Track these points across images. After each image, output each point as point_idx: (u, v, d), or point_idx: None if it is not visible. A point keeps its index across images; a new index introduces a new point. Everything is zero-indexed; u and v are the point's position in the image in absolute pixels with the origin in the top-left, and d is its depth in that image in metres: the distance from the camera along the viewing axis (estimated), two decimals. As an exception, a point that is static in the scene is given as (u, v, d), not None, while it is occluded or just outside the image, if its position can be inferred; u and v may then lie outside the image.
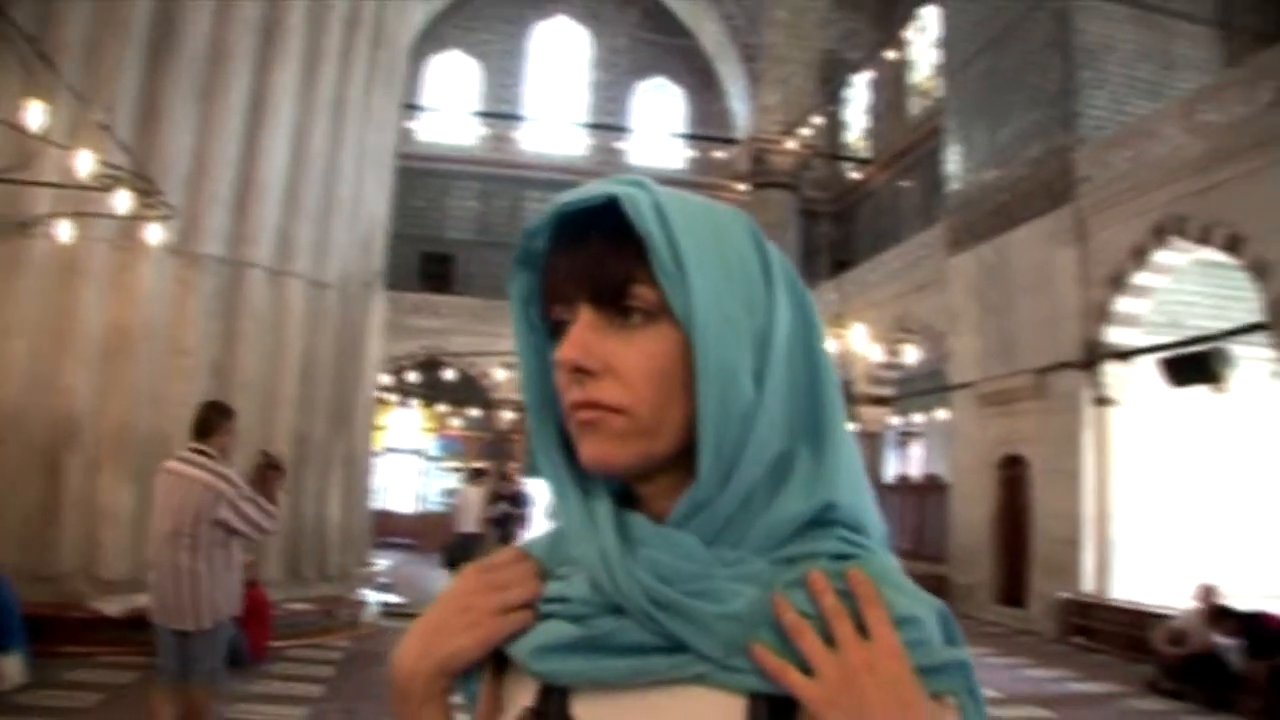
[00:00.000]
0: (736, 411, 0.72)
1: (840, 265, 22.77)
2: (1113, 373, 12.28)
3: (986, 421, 14.32)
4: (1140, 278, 12.02)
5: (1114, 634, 11.09)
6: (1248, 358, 11.41)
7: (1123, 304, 12.22)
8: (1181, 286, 12.57)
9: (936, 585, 14.79)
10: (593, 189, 0.75)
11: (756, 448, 0.73)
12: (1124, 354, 12.22)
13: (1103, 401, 12.32)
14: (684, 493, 0.74)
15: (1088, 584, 11.99)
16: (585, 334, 0.74)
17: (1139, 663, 9.86)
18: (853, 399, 18.40)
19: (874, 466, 18.62)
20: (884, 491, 18.91)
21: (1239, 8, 13.90)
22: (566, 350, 0.74)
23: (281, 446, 8.01)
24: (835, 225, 26.52)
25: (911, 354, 16.82)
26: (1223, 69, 12.48)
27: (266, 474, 4.98)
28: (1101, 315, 12.30)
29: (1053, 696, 8.67)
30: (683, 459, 0.75)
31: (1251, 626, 8.85)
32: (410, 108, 22.18)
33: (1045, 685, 9.17)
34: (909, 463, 22.45)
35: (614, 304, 0.74)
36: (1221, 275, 12.31)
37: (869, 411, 18.77)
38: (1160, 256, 11.73)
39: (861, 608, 0.70)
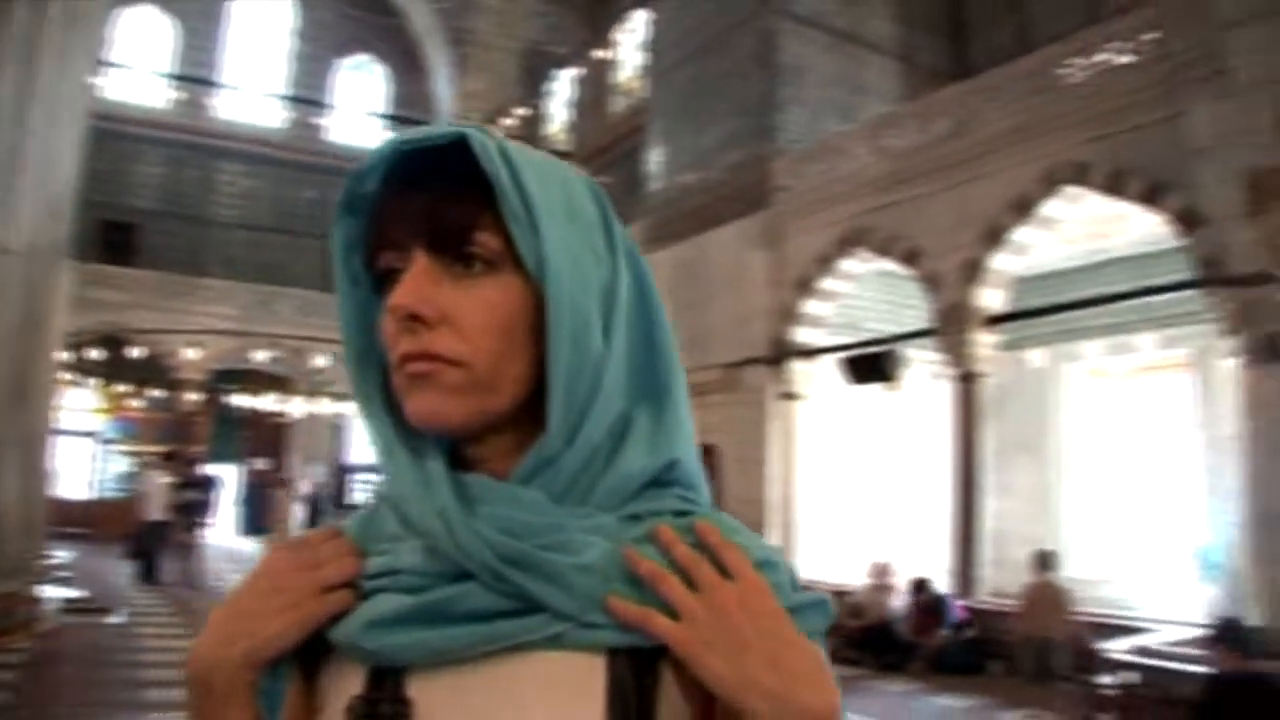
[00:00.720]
0: (589, 363, 0.71)
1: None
2: (798, 369, 13.25)
3: (682, 412, 15.03)
4: (826, 283, 13.05)
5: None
6: (917, 359, 12.69)
7: (809, 306, 13.22)
8: (861, 292, 13.79)
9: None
10: (435, 129, 0.72)
11: (604, 402, 0.72)
12: (808, 352, 13.22)
13: (788, 396, 13.27)
14: (522, 453, 0.72)
15: (773, 566, 12.89)
16: (421, 281, 0.70)
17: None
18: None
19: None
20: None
21: (919, 45, 15.41)
22: (401, 297, 0.70)
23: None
24: (533, 216, 26.77)
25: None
26: (902, 100, 13.81)
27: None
28: (790, 316, 13.25)
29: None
30: (517, 419, 0.73)
31: (937, 603, 9.94)
32: (98, 63, 20.36)
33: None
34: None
35: (454, 251, 0.71)
36: (896, 284, 13.62)
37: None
38: (845, 264, 12.80)
39: (719, 554, 0.70)
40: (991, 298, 11.07)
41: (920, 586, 10.34)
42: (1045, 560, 9.80)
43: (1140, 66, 9.17)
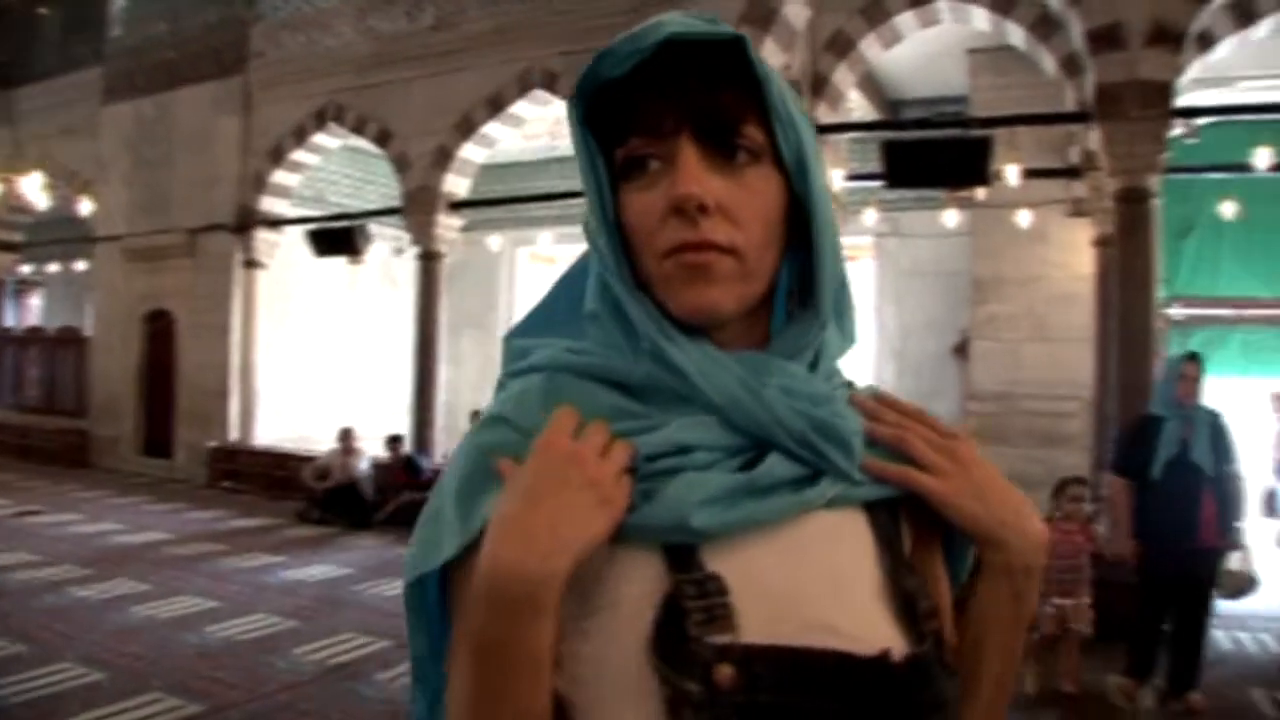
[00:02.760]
0: (840, 256, 0.77)
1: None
2: (263, 238, 13.17)
3: (133, 276, 14.26)
4: (297, 154, 13.02)
5: (260, 476, 12.26)
6: (380, 236, 13.22)
7: (278, 176, 13.12)
8: (328, 166, 14.00)
9: (78, 440, 14.55)
10: (706, 24, 0.73)
11: (828, 290, 0.77)
12: (275, 222, 13.18)
13: (252, 264, 13.16)
14: (753, 332, 0.77)
15: (234, 432, 12.97)
16: (699, 171, 0.71)
17: (284, 499, 11.19)
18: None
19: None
20: (7, 344, 17.68)
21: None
22: (687, 185, 0.70)
23: None
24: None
25: (44, 200, 15.73)
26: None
27: None
28: (258, 184, 13.06)
29: (220, 533, 9.50)
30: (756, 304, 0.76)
31: (410, 460, 10.82)
32: None
33: (210, 525, 9.96)
34: (27, 313, 20.90)
35: (721, 141, 0.72)
36: (363, 161, 14.01)
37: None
38: (318, 138, 12.85)
39: (918, 417, 0.80)
40: (458, 184, 11.85)
41: (395, 443, 11.07)
42: (476, 416, 11.04)
43: (613, -8, 10.35)
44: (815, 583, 0.71)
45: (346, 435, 11.21)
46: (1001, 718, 0.81)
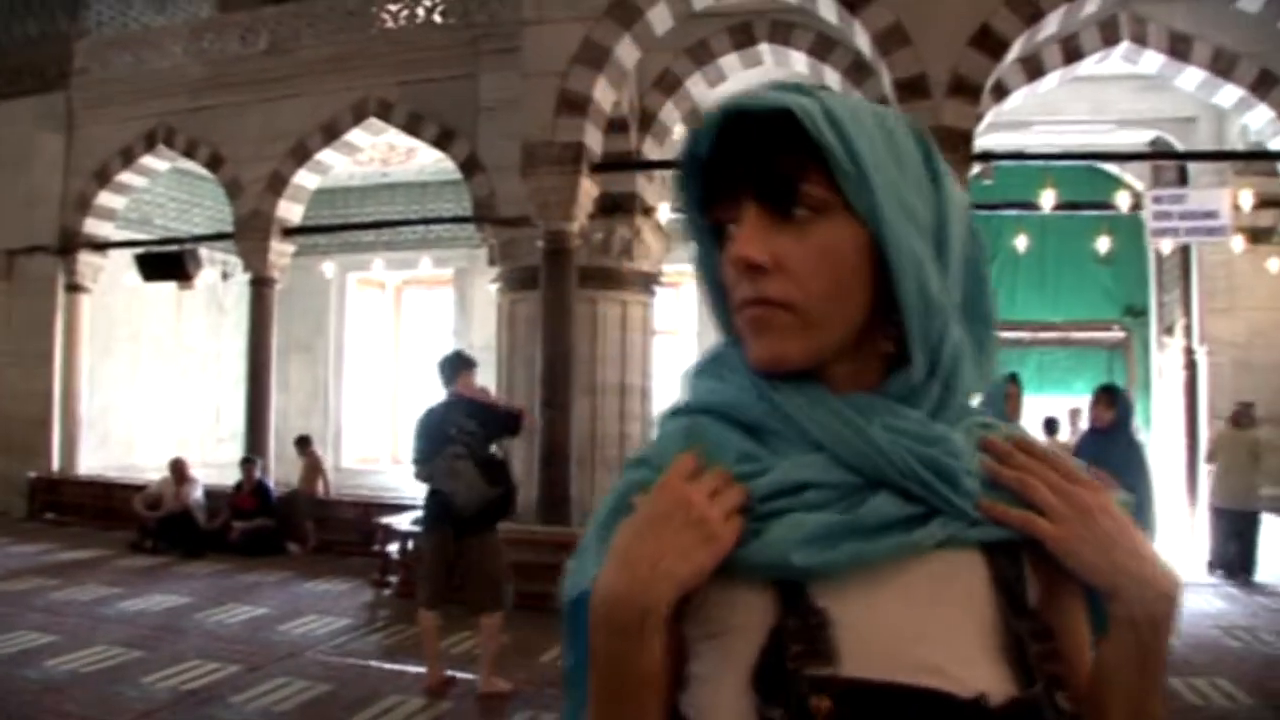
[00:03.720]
0: (933, 301, 0.76)
1: None
2: (86, 261, 12.82)
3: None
4: (124, 176, 12.77)
5: (87, 506, 11.93)
6: (209, 260, 13.07)
7: (104, 198, 12.83)
8: (155, 188, 13.75)
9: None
10: (762, 97, 0.77)
11: (953, 333, 0.78)
12: (100, 245, 12.88)
13: (75, 288, 12.80)
14: (862, 375, 0.80)
15: (56, 462, 12.54)
16: (755, 232, 0.76)
17: (113, 530, 10.94)
18: None
19: None
20: None
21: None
22: (740, 248, 0.76)
23: None
24: None
25: None
26: (222, 9, 13.79)
27: None
28: (82, 205, 12.74)
29: (49, 565, 9.24)
30: (857, 345, 0.79)
31: (260, 486, 10.84)
32: None
33: (37, 558, 9.64)
34: None
35: (781, 201, 0.76)
36: (190, 184, 13.82)
37: None
38: (146, 160, 12.64)
39: (1051, 462, 0.79)
40: (291, 210, 11.87)
41: (248, 464, 10.98)
42: (303, 442, 11.83)
43: (449, 27, 10.62)
44: (922, 622, 0.74)
45: (178, 465, 11.06)
46: None
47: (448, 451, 5.45)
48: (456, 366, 5.69)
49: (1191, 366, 11.61)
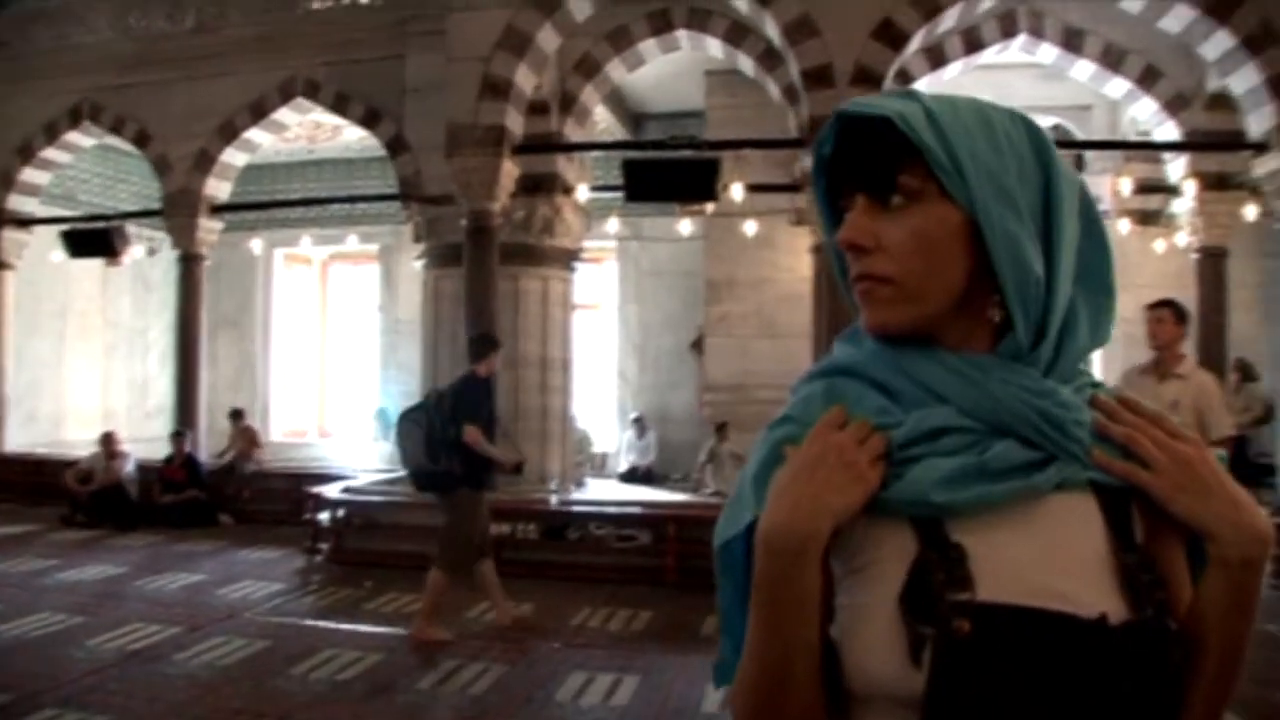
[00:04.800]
0: (1031, 277, 0.84)
1: None
2: (11, 238, 12.83)
3: None
4: (49, 152, 12.76)
5: (15, 483, 12.00)
6: (136, 237, 13.09)
7: (27, 174, 12.82)
8: (79, 164, 13.74)
9: None
10: (868, 103, 0.87)
11: (1058, 303, 0.86)
12: (25, 221, 12.87)
13: (0, 265, 12.81)
14: (974, 335, 0.89)
15: (-15, 440, 12.58)
16: (859, 218, 0.87)
17: (44, 505, 11.07)
18: None
19: None
20: None
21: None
22: (844, 232, 0.88)
23: None
24: None
25: None
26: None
27: None
28: (5, 181, 12.72)
29: (-21, 541, 9.40)
30: (964, 312, 0.88)
31: (190, 460, 11.08)
32: None
33: (-29, 534, 9.78)
34: None
35: (882, 191, 0.87)
36: (115, 160, 13.83)
37: None
38: (71, 136, 12.63)
39: (1156, 420, 0.87)
40: (219, 187, 12.00)
41: (179, 437, 11.21)
42: (237, 415, 12.42)
43: (376, 9, 10.81)
44: (1045, 554, 0.82)
45: (109, 439, 11.22)
46: (1222, 709, 0.86)
47: (413, 414, 6.13)
48: (484, 348, 6.30)
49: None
